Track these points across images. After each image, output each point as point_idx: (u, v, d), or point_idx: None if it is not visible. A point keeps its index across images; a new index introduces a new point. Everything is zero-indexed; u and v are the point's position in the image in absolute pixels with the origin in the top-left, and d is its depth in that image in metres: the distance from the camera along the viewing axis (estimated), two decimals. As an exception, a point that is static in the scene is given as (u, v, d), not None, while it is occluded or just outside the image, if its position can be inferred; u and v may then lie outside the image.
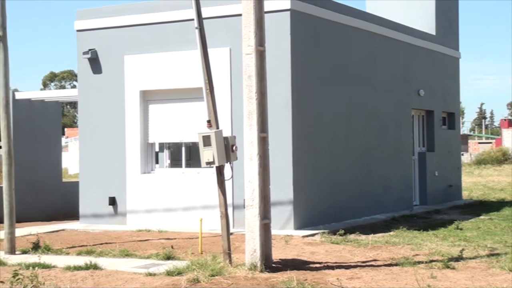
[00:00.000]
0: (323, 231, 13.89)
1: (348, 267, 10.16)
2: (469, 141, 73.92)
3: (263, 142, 10.06)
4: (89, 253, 11.85)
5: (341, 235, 13.39)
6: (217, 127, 10.47)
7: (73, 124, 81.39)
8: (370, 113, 17.43)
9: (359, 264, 10.47)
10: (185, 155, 15.73)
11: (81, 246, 12.82)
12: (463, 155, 49.53)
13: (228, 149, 10.44)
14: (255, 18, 10.04)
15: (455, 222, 15.55)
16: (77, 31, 16.70)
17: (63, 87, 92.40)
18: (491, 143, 72.16)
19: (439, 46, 21.29)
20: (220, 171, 10.46)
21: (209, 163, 10.38)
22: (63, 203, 19.47)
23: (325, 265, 10.37)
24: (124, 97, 16.06)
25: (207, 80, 10.48)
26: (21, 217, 16.27)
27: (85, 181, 16.53)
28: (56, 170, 20.08)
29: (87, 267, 10.28)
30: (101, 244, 13.01)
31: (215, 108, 10.50)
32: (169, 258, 11.00)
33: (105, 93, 16.30)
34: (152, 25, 15.83)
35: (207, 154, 10.32)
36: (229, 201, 13.19)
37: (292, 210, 14.23)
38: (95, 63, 16.43)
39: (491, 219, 16.96)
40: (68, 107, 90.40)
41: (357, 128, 16.88)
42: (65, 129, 62.14)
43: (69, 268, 10.30)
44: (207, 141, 10.33)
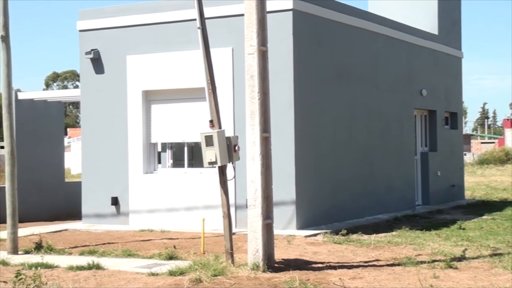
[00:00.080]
0: (325, 231, 13.88)
1: (350, 267, 10.15)
2: (472, 141, 73.89)
3: (266, 142, 10.06)
4: (91, 253, 11.86)
5: (343, 235, 13.38)
6: (220, 127, 10.47)
7: (75, 124, 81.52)
8: (372, 113, 17.42)
9: (362, 264, 10.47)
10: (187, 155, 15.73)
11: (84, 246, 12.82)
12: (465, 155, 49.49)
13: (230, 149, 10.44)
14: (258, 18, 10.04)
15: (458, 222, 15.55)
16: (80, 31, 16.71)
17: (65, 87, 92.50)
18: (493, 143, 72.15)
19: (442, 46, 21.27)
20: (222, 171, 10.46)
21: (212, 163, 10.38)
22: (65, 203, 19.47)
23: (328, 265, 10.37)
24: (126, 97, 16.07)
25: (209, 80, 10.48)
26: (23, 217, 16.31)
27: (87, 181, 16.54)
28: (58, 170, 20.08)
29: (90, 267, 10.29)
30: (104, 244, 13.02)
31: (217, 108, 10.50)
32: (171, 258, 11.00)
33: (108, 93, 16.31)
34: (154, 25, 15.83)
35: (210, 154, 10.32)
36: (232, 201, 13.20)
37: (294, 210, 14.22)
38: (97, 63, 16.44)
39: (493, 219, 16.94)
40: (70, 107, 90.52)
41: (360, 128, 16.87)
42: (68, 129, 62.24)
43: (71, 268, 10.31)
44: (209, 141, 10.33)
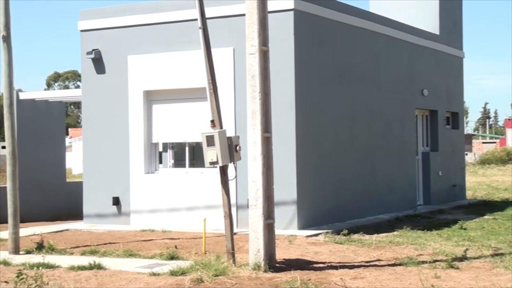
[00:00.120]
0: (326, 231, 13.88)
1: (351, 267, 10.15)
2: (473, 140, 73.93)
3: (267, 142, 10.06)
4: (93, 253, 11.87)
5: (344, 235, 13.38)
6: (221, 127, 10.46)
7: (76, 124, 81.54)
8: (374, 113, 17.41)
9: (363, 264, 10.46)
10: (188, 155, 15.73)
11: (85, 246, 12.83)
12: (467, 154, 49.46)
13: (231, 149, 10.44)
14: (259, 18, 10.04)
15: (459, 222, 15.55)
16: (81, 31, 16.71)
17: (66, 87, 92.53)
18: (495, 142, 72.18)
19: (443, 46, 21.26)
20: (223, 171, 10.46)
21: (213, 163, 10.38)
22: (67, 203, 19.47)
23: (329, 265, 10.36)
24: (127, 97, 16.07)
25: (210, 80, 10.48)
26: (25, 217, 16.31)
27: (89, 181, 16.54)
28: (60, 170, 20.08)
29: (91, 267, 10.30)
30: (105, 244, 13.02)
31: (218, 108, 10.50)
32: (172, 258, 11.00)
33: (109, 93, 16.31)
34: (155, 25, 15.83)
35: (211, 154, 10.32)
36: (233, 201, 13.19)
37: (295, 210, 14.22)
38: (98, 63, 16.45)
39: (495, 219, 16.94)
40: (72, 107, 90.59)
41: (361, 128, 16.86)
42: (69, 129, 62.27)
43: (73, 268, 10.32)
44: (210, 141, 10.33)
